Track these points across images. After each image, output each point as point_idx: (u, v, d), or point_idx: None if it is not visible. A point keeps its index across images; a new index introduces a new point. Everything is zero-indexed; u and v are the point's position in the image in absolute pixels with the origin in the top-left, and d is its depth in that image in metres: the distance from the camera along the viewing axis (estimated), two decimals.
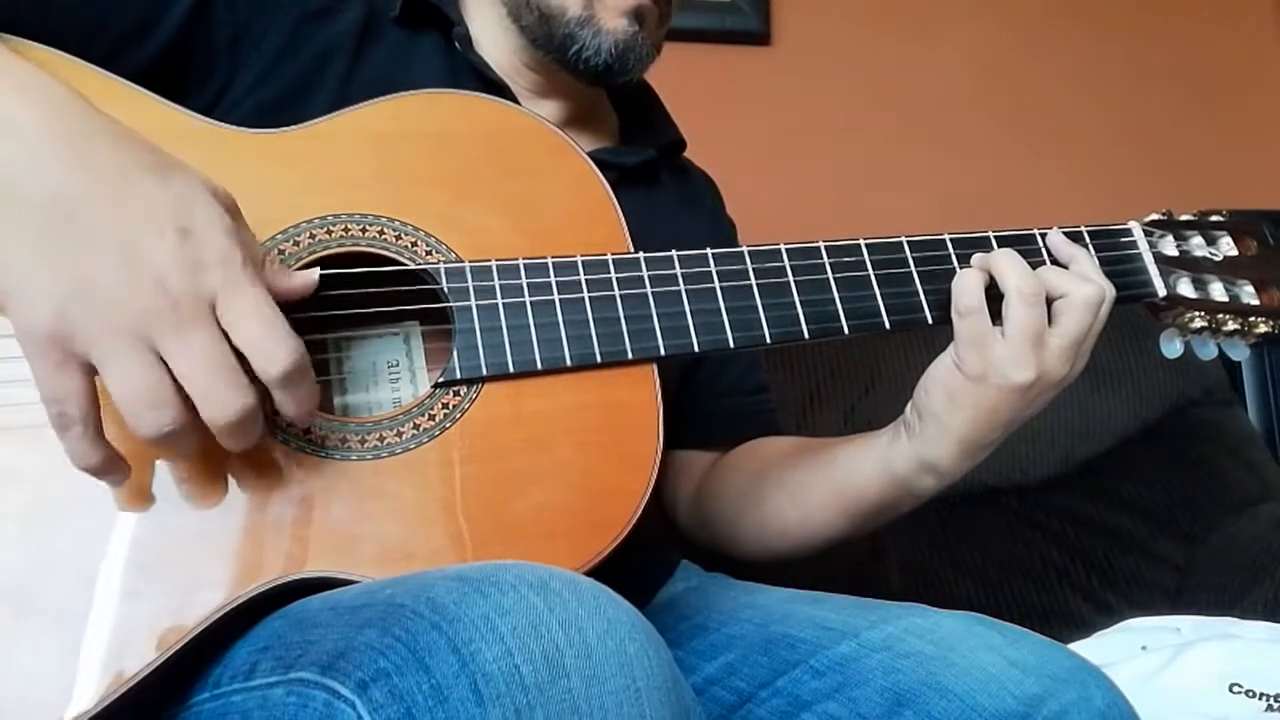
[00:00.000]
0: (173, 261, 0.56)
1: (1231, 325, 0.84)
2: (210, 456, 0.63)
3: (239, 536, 0.62)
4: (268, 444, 0.64)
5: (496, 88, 0.89)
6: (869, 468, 0.84)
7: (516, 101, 0.88)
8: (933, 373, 0.80)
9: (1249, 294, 0.85)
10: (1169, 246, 0.86)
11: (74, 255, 0.55)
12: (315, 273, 0.65)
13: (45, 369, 0.55)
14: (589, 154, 0.79)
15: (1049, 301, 0.77)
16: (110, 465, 0.58)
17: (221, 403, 0.57)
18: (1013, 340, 0.75)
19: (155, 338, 0.55)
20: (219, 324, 0.57)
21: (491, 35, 0.94)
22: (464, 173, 0.75)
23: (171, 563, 0.61)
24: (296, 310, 0.64)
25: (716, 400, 1.04)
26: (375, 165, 0.73)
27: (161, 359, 0.56)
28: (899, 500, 0.85)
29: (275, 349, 0.58)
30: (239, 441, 0.59)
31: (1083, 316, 0.77)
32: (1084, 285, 0.77)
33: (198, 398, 0.56)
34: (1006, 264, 0.77)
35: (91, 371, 0.56)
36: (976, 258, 0.80)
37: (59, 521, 0.60)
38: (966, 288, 0.77)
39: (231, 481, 0.63)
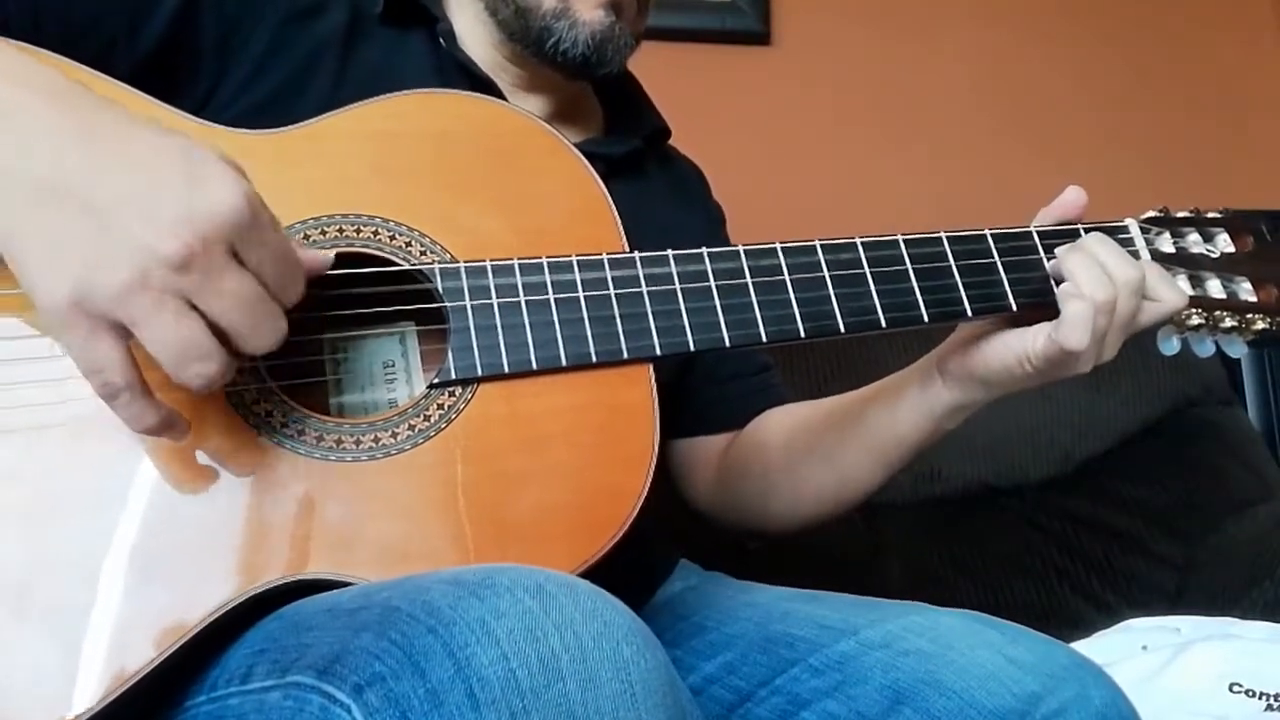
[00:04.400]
0: (185, 210, 0.55)
1: (1229, 322, 0.84)
2: (207, 457, 0.63)
3: (237, 538, 0.62)
4: (264, 445, 0.64)
5: (483, 84, 0.89)
6: (909, 419, 0.88)
7: (503, 98, 0.88)
8: (994, 347, 0.81)
9: (1246, 290, 0.85)
10: (1166, 243, 0.86)
11: (85, 223, 0.55)
12: (330, 253, 0.65)
13: (77, 341, 0.55)
14: (576, 147, 0.78)
15: None
16: (169, 422, 0.59)
17: (265, 336, 0.59)
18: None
19: (185, 288, 0.55)
20: (240, 262, 0.57)
21: (473, 31, 0.94)
22: (459, 173, 0.75)
23: (170, 563, 0.61)
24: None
25: (723, 386, 1.04)
26: (369, 165, 0.73)
27: (191, 307, 0.56)
28: (934, 439, 0.89)
29: (295, 283, 0.60)
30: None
31: (1131, 300, 0.79)
32: (1127, 270, 0.79)
33: (239, 336, 0.58)
34: (1115, 258, 0.79)
35: (124, 334, 0.55)
36: (1070, 248, 0.81)
37: (60, 520, 0.60)
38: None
39: (228, 482, 0.63)
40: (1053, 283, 0.80)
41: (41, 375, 0.61)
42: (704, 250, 0.76)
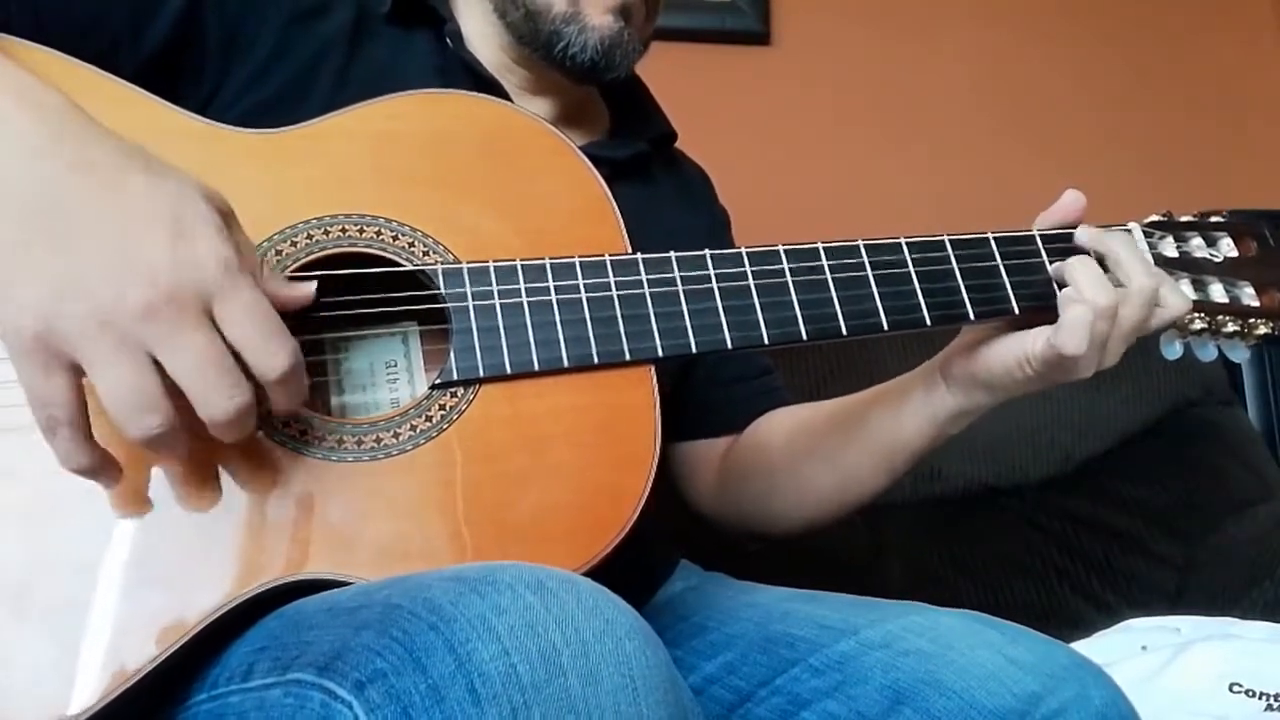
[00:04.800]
0: (165, 262, 0.55)
1: (1231, 326, 0.84)
2: (208, 457, 0.63)
3: (237, 537, 0.62)
4: (265, 445, 0.64)
5: (488, 85, 0.89)
6: (912, 423, 0.87)
7: (509, 99, 0.88)
8: (996, 350, 0.81)
9: (1249, 295, 0.85)
10: (1169, 248, 0.86)
11: (63, 256, 0.55)
12: (312, 285, 0.64)
13: (32, 371, 0.55)
14: (580, 149, 0.79)
15: None
16: (100, 467, 0.58)
17: (220, 402, 0.57)
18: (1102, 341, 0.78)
19: (148, 339, 0.55)
20: (214, 324, 0.57)
21: (480, 32, 0.94)
22: (462, 173, 0.75)
23: (171, 562, 0.61)
24: (293, 310, 0.64)
25: (725, 388, 1.04)
26: (372, 165, 0.73)
27: (152, 360, 0.55)
28: (936, 444, 0.88)
29: (274, 351, 0.58)
30: (234, 435, 0.59)
31: (1142, 310, 0.79)
32: (1143, 278, 0.78)
33: (195, 397, 0.56)
34: (1134, 262, 0.79)
35: (78, 373, 0.55)
36: (1087, 242, 0.81)
37: (60, 520, 0.60)
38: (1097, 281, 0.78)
39: (230, 482, 0.63)
40: (1055, 286, 0.80)
41: None
42: (706, 252, 0.76)
